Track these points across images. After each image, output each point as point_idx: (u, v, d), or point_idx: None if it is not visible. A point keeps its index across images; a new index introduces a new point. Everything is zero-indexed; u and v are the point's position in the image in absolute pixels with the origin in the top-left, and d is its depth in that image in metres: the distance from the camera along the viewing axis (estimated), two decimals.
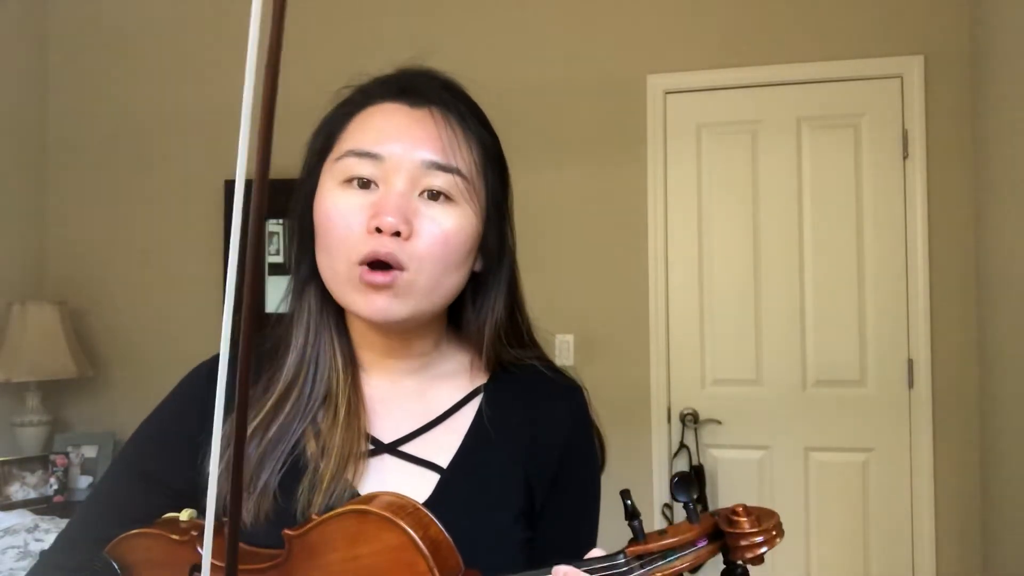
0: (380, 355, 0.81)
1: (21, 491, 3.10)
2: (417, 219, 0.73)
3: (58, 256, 3.55)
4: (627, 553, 0.63)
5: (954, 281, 2.78)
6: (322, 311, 0.80)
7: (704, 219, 2.98)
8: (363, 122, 0.77)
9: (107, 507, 0.79)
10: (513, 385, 0.83)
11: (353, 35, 3.26)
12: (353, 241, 0.73)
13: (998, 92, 2.53)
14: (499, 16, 3.18)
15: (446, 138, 0.76)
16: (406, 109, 0.77)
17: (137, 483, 0.80)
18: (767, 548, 0.64)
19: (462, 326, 0.83)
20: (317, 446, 0.75)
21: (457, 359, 0.84)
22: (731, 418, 2.94)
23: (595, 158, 3.06)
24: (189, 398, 0.81)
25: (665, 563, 0.63)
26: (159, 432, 0.82)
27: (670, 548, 0.63)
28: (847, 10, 2.89)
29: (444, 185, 0.74)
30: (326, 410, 0.77)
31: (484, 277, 0.81)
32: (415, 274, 0.73)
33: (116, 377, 3.46)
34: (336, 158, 0.76)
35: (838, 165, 2.89)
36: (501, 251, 0.81)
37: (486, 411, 0.80)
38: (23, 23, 3.51)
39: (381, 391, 0.81)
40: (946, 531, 2.75)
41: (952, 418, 2.77)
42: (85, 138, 3.54)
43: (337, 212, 0.74)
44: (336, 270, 0.74)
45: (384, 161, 0.74)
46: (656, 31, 3.05)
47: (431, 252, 0.73)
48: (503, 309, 0.81)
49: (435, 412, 0.80)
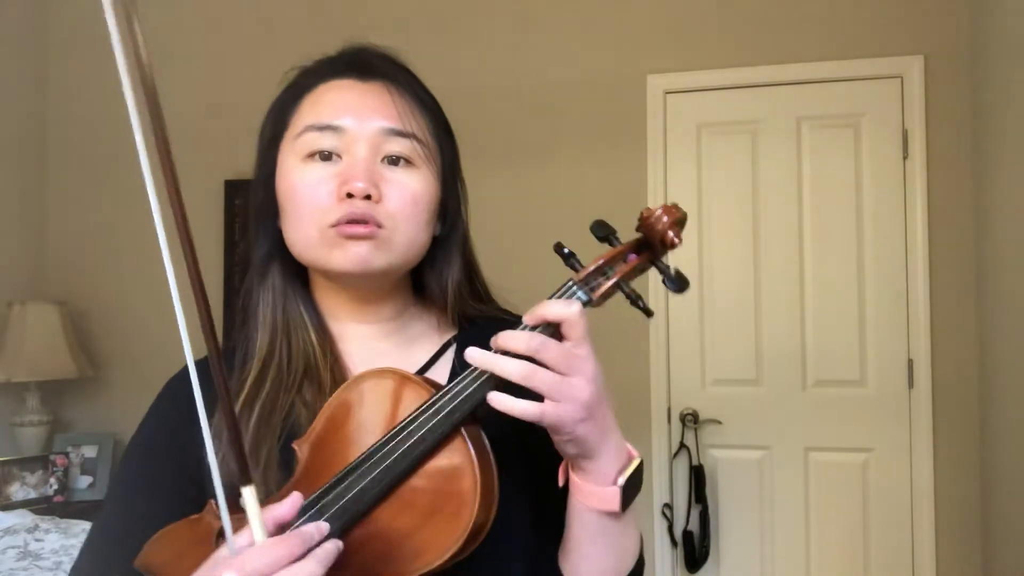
0: (352, 321, 0.83)
1: (21, 491, 3.10)
2: (383, 183, 0.76)
3: (58, 256, 3.55)
4: (574, 280, 0.71)
5: (954, 281, 2.78)
6: (286, 286, 0.82)
7: (704, 219, 2.98)
8: (317, 99, 0.79)
9: (114, 541, 0.78)
10: (480, 333, 0.84)
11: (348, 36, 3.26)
12: (324, 209, 0.75)
13: (998, 92, 2.53)
14: (499, 16, 3.18)
15: (400, 106, 0.79)
16: (357, 83, 0.80)
17: (140, 505, 0.78)
18: (668, 218, 0.71)
19: (425, 289, 0.86)
20: (308, 413, 0.76)
21: (424, 319, 0.87)
22: (731, 418, 2.94)
23: (595, 158, 3.06)
24: (174, 402, 0.81)
25: (604, 277, 0.71)
26: (151, 439, 0.81)
27: (606, 265, 0.71)
28: (847, 10, 2.89)
29: (404, 150, 0.78)
30: (310, 381, 0.78)
31: (442, 240, 0.84)
32: (391, 231, 0.76)
33: (116, 377, 3.46)
34: (295, 136, 0.78)
35: (838, 165, 2.89)
36: (457, 213, 0.85)
37: (460, 359, 0.82)
38: (23, 24, 3.51)
39: (358, 357, 0.82)
40: (946, 531, 2.75)
41: (952, 418, 2.77)
42: (85, 138, 3.54)
43: (304, 184, 0.76)
44: (308, 235, 0.76)
45: (344, 132, 0.77)
46: (656, 31, 3.05)
47: (403, 211, 0.76)
48: (461, 268, 0.85)
49: (413, 369, 0.81)
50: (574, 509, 0.73)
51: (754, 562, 2.90)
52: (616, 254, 0.73)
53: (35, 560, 2.30)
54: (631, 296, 0.71)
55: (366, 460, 0.66)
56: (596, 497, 0.70)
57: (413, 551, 0.64)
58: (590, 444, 0.68)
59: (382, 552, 0.65)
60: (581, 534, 0.73)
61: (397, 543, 0.65)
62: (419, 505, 0.65)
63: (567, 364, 0.65)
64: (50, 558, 2.31)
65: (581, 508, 0.72)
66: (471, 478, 0.64)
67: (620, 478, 0.70)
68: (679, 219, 0.72)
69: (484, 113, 3.07)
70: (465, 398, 0.66)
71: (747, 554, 2.90)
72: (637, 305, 0.71)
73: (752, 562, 2.90)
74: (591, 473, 0.70)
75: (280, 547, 0.58)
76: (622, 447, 0.71)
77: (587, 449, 0.68)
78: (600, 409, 0.68)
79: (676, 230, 0.71)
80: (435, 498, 0.65)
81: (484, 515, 0.64)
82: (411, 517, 0.65)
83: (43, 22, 3.60)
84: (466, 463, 0.65)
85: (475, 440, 0.66)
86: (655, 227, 0.71)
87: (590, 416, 0.66)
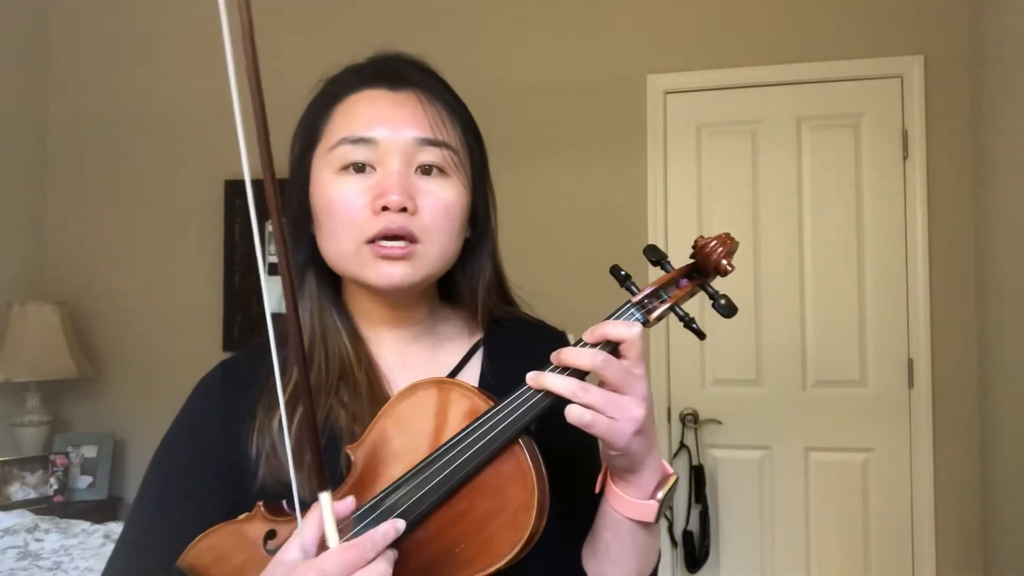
0: (383, 326, 0.85)
1: (21, 491, 3.10)
2: (418, 195, 0.77)
3: (58, 256, 3.55)
4: (631, 302, 0.73)
5: (954, 281, 2.78)
6: (321, 293, 0.84)
7: (704, 219, 2.98)
8: (349, 110, 0.80)
9: (149, 540, 0.79)
10: (508, 336, 0.89)
11: (351, 38, 3.26)
12: (360, 222, 0.76)
13: (998, 92, 2.53)
14: (499, 16, 3.18)
15: (431, 115, 0.79)
16: (388, 93, 0.80)
17: (177, 505, 0.79)
18: (722, 248, 0.74)
19: (454, 291, 0.88)
20: (347, 415, 0.78)
21: (453, 322, 0.89)
22: (731, 418, 2.94)
23: (595, 158, 3.06)
24: (211, 401, 0.83)
25: (659, 300, 0.74)
26: (188, 439, 0.82)
27: (661, 289, 0.74)
28: (847, 10, 2.89)
29: (436, 159, 0.79)
30: (346, 384, 0.80)
31: (472, 243, 0.86)
32: (426, 245, 0.77)
33: (116, 377, 3.46)
34: (328, 148, 0.79)
35: (838, 165, 2.89)
36: (487, 216, 0.87)
37: (489, 362, 0.86)
38: (23, 23, 3.51)
39: (391, 360, 0.84)
40: (946, 531, 2.75)
41: (952, 418, 2.77)
42: (85, 138, 3.54)
43: (340, 197, 0.77)
44: (344, 251, 0.77)
45: (377, 144, 0.77)
46: (656, 31, 3.05)
47: (437, 223, 0.78)
48: (491, 269, 0.87)
49: (444, 371, 0.85)
50: (608, 516, 0.75)
51: (754, 562, 2.90)
52: (670, 279, 0.76)
53: (35, 560, 2.30)
54: (684, 319, 0.75)
55: (425, 468, 0.68)
56: (634, 508, 0.73)
57: (468, 558, 0.66)
58: (638, 459, 0.71)
59: (437, 557, 0.67)
60: (611, 539, 0.76)
61: (452, 549, 0.67)
62: (476, 513, 0.67)
63: (625, 382, 0.68)
64: (50, 558, 2.31)
65: (616, 516, 0.74)
66: (529, 488, 0.67)
67: (659, 492, 0.73)
68: (732, 248, 0.76)
69: (484, 113, 3.04)
70: (524, 411, 0.68)
71: (747, 554, 2.90)
72: (691, 328, 0.75)
73: (752, 562, 2.90)
74: (632, 485, 0.73)
75: (355, 551, 0.60)
76: (660, 463, 0.74)
77: (634, 463, 0.71)
78: (649, 427, 0.71)
79: (729, 259, 0.75)
80: (493, 507, 0.67)
81: (539, 523, 0.67)
82: (467, 524, 0.67)
83: (44, 22, 3.60)
84: (525, 473, 0.67)
85: (531, 451, 0.68)
86: (709, 256, 0.75)
87: (641, 432, 0.69)
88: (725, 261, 0.74)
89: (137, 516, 0.80)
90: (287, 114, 0.89)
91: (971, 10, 2.77)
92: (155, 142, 3.46)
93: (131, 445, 3.42)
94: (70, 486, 3.22)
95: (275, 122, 0.61)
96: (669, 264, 0.77)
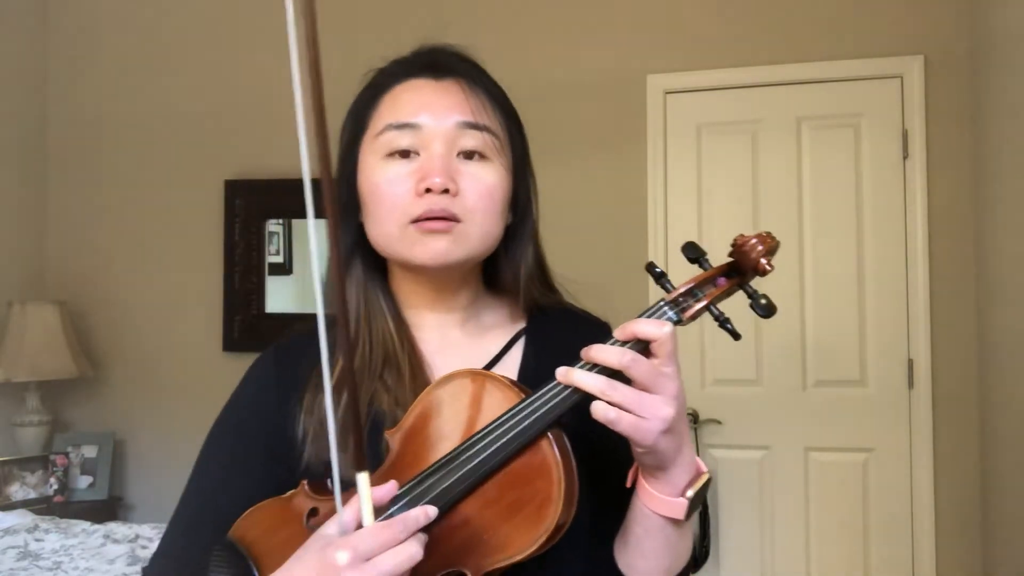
0: (427, 310, 0.87)
1: (21, 491, 3.10)
2: (460, 177, 0.80)
3: (58, 256, 3.55)
4: (665, 300, 0.73)
5: (954, 281, 2.78)
6: (367, 278, 0.87)
7: (704, 219, 2.99)
8: (394, 99, 0.83)
9: (203, 513, 0.83)
10: (550, 324, 0.91)
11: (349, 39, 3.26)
12: (404, 205, 0.79)
13: (998, 92, 2.53)
14: (499, 16, 3.18)
15: (472, 101, 0.82)
16: (431, 82, 0.83)
17: (230, 480, 0.83)
18: (763, 247, 0.73)
19: (497, 277, 0.90)
20: (390, 399, 0.81)
21: (496, 310, 0.91)
22: (731, 418, 2.94)
23: (595, 158, 3.06)
24: (263, 382, 0.86)
25: (694, 299, 0.73)
26: (240, 419, 0.86)
27: (696, 287, 0.74)
28: (847, 10, 2.89)
29: (478, 144, 0.81)
30: (389, 368, 0.83)
31: (514, 228, 0.88)
32: (468, 224, 0.80)
33: (116, 377, 3.46)
34: (375, 135, 0.82)
35: (838, 165, 2.89)
36: (528, 202, 0.89)
37: (531, 350, 0.88)
38: (23, 23, 3.51)
39: (433, 345, 0.86)
40: (946, 531, 2.75)
41: (952, 418, 2.77)
42: (85, 138, 3.54)
43: (385, 181, 0.80)
44: (390, 232, 0.80)
45: (421, 130, 0.80)
46: (656, 31, 3.05)
47: (479, 204, 0.80)
48: (532, 255, 0.89)
49: (486, 358, 0.86)
50: (639, 511, 0.76)
51: (754, 562, 2.90)
52: (707, 277, 0.75)
53: (35, 560, 2.30)
54: (719, 319, 0.74)
55: (457, 456, 0.70)
56: (664, 505, 0.74)
57: (495, 545, 0.68)
58: (667, 457, 0.71)
59: (465, 543, 0.69)
60: (642, 534, 0.77)
61: (480, 536, 0.69)
62: (504, 502, 0.69)
63: (653, 381, 0.69)
64: (50, 558, 2.31)
65: (647, 512, 0.75)
66: (555, 480, 0.68)
67: (689, 491, 0.74)
68: (772, 247, 0.75)
69: None
70: (554, 405, 0.69)
71: (747, 554, 2.90)
72: (725, 328, 0.75)
73: (752, 562, 2.90)
74: (662, 482, 0.74)
75: (388, 531, 0.63)
76: (693, 461, 0.75)
77: (663, 461, 0.72)
78: (680, 425, 0.71)
79: (768, 258, 0.74)
80: (520, 497, 0.69)
81: (565, 515, 0.68)
82: (495, 513, 0.69)
83: (43, 22, 3.60)
84: (551, 466, 0.68)
85: (560, 444, 0.69)
86: (749, 254, 0.74)
87: (670, 431, 0.69)
88: (765, 260, 0.74)
89: (192, 493, 0.84)
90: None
91: (971, 10, 2.77)
92: (155, 142, 3.46)
93: (131, 445, 3.42)
94: (70, 486, 3.22)
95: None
96: (707, 262, 0.76)
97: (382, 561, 0.61)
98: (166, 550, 0.83)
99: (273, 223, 3.34)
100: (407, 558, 0.62)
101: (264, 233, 3.34)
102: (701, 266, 0.76)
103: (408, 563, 0.62)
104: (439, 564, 0.68)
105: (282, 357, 0.87)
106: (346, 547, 0.61)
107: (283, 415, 0.81)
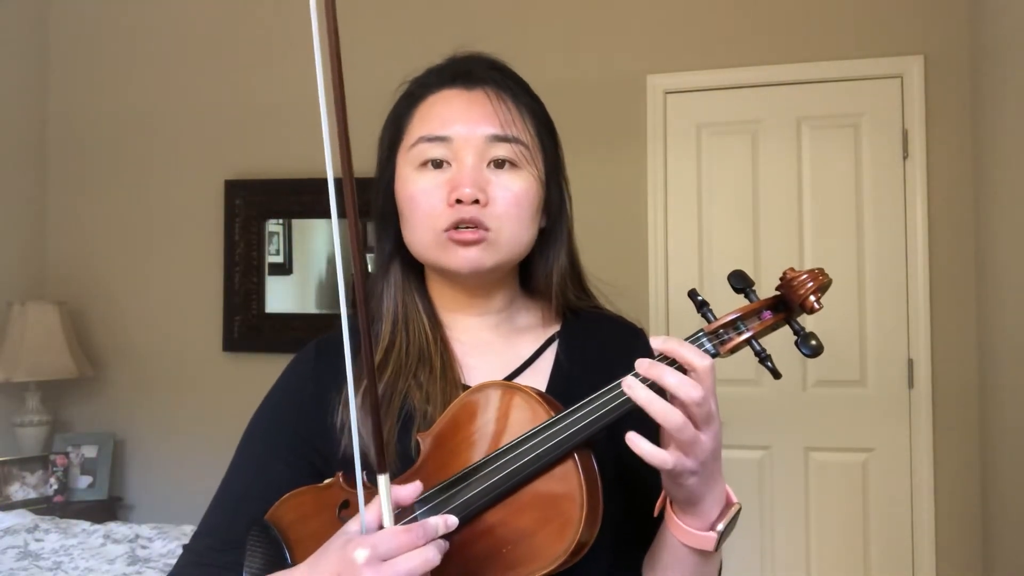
0: (462, 313, 0.90)
1: (21, 491, 3.10)
2: (490, 187, 0.82)
3: (58, 256, 3.55)
4: (704, 330, 0.72)
5: (954, 281, 2.78)
6: (405, 281, 0.90)
7: (704, 219, 2.98)
8: (427, 110, 0.86)
9: (242, 496, 0.86)
10: (584, 328, 0.92)
11: (349, 41, 3.26)
12: (437, 214, 0.82)
13: (998, 92, 2.53)
14: (499, 16, 3.18)
15: (502, 113, 0.85)
16: (463, 92, 0.86)
17: (269, 467, 0.85)
18: (813, 284, 0.71)
19: (532, 280, 0.92)
20: (421, 396, 0.83)
21: (530, 313, 0.93)
22: (731, 418, 2.94)
23: (595, 158, 3.06)
24: (302, 372, 0.89)
25: (736, 332, 0.72)
26: (279, 407, 0.89)
27: (739, 319, 0.72)
28: (847, 10, 2.89)
29: (507, 154, 0.84)
30: (422, 366, 0.85)
31: (548, 232, 0.90)
32: (497, 233, 0.82)
33: (116, 377, 3.46)
34: (409, 146, 0.85)
35: (838, 165, 2.89)
36: (561, 206, 0.91)
37: (564, 354, 0.89)
38: (23, 23, 3.51)
39: (467, 347, 0.89)
40: (946, 531, 2.75)
41: (952, 418, 2.76)
42: (85, 138, 3.54)
43: (419, 191, 0.83)
44: (424, 240, 0.84)
45: (452, 141, 0.83)
46: (656, 31, 3.05)
47: (507, 212, 0.83)
48: (566, 258, 0.91)
49: (519, 360, 0.88)
50: (668, 541, 0.76)
51: (754, 562, 2.90)
52: (752, 310, 0.73)
53: (35, 560, 2.30)
54: (760, 355, 0.73)
55: (483, 467, 0.70)
56: (692, 538, 0.73)
57: (515, 559, 0.69)
58: (699, 492, 0.71)
59: (485, 555, 0.69)
60: (671, 562, 0.77)
61: (500, 549, 0.69)
62: (527, 517, 0.69)
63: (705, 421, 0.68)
64: (50, 558, 2.31)
65: (676, 543, 0.75)
66: (578, 500, 0.68)
67: (719, 524, 0.73)
68: (824, 284, 0.72)
69: None
70: (583, 427, 0.69)
71: (747, 554, 2.90)
72: (766, 365, 0.73)
73: (752, 562, 2.90)
74: (692, 516, 0.73)
75: (407, 535, 0.64)
76: (723, 493, 0.75)
77: (695, 496, 0.72)
78: (716, 463, 0.71)
79: (818, 296, 0.72)
80: (543, 513, 0.69)
81: (588, 534, 0.68)
82: (517, 527, 0.69)
83: (43, 22, 3.60)
84: (575, 486, 0.68)
85: (586, 464, 0.69)
86: (797, 290, 0.72)
87: (705, 468, 0.69)
88: (814, 297, 0.71)
89: (233, 474, 0.88)
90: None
91: (971, 10, 2.77)
92: (155, 142, 3.46)
93: (131, 445, 3.42)
94: (70, 486, 3.22)
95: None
96: (754, 294, 0.74)
97: (399, 563, 0.62)
98: (207, 529, 0.86)
99: (273, 223, 3.34)
100: (423, 562, 0.63)
101: (264, 233, 3.34)
102: (747, 298, 0.74)
103: (424, 567, 0.63)
104: (458, 573, 0.69)
105: (323, 351, 0.89)
106: (366, 545, 0.63)
107: (321, 405, 0.84)
